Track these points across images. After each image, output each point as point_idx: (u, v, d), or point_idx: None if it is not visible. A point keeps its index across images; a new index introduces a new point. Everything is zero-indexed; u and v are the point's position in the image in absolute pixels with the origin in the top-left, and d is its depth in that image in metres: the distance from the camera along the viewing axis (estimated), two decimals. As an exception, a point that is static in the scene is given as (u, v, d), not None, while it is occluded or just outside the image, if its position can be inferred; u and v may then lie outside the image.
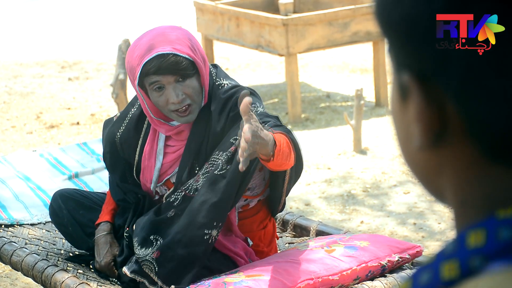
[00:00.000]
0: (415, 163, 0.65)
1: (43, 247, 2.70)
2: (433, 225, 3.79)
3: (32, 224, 2.90)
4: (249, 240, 2.44)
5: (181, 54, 2.24)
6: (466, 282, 0.56)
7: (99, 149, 3.51)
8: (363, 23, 5.46)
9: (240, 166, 1.90)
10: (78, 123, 5.60)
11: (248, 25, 5.60)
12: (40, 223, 2.91)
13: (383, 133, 5.07)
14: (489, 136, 0.59)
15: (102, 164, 3.35)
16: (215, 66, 2.43)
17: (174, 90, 2.25)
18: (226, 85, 2.37)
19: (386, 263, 2.31)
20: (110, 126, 2.56)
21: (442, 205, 0.65)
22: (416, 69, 0.62)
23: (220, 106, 2.32)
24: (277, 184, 2.37)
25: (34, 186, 3.16)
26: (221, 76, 2.39)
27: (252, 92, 2.34)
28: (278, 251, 2.53)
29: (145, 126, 2.47)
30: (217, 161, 2.27)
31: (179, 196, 2.34)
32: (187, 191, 2.32)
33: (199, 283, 2.17)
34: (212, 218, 2.23)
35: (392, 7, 0.62)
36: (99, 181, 3.23)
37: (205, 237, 2.23)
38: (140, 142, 2.47)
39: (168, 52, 2.23)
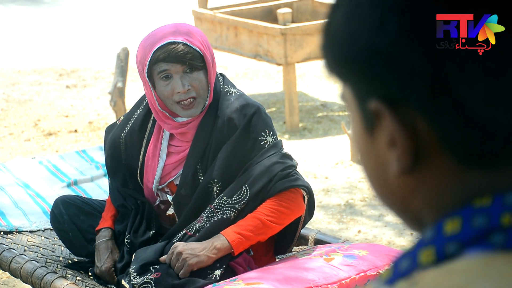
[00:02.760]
0: (391, 192, 0.65)
1: (42, 254, 2.70)
2: (430, 235, 3.80)
3: (31, 231, 2.90)
4: (250, 251, 2.46)
5: (191, 45, 2.29)
6: (439, 266, 0.58)
7: (98, 156, 3.52)
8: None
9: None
10: (76, 130, 5.60)
11: (247, 34, 5.62)
12: (39, 230, 2.91)
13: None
14: (462, 146, 0.61)
15: (101, 171, 3.35)
16: (222, 75, 2.47)
17: (181, 79, 2.30)
18: (234, 93, 2.40)
19: (384, 272, 2.31)
20: (114, 129, 2.58)
21: (412, 229, 0.66)
22: (384, 94, 0.62)
23: (227, 114, 2.35)
24: (288, 230, 2.42)
25: (33, 193, 3.16)
26: (229, 84, 2.44)
27: (257, 111, 2.36)
28: (277, 260, 2.54)
29: (149, 126, 2.50)
30: (224, 209, 2.30)
31: (180, 235, 2.37)
32: (188, 230, 2.35)
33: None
34: (215, 261, 2.29)
35: (348, 42, 0.63)
36: (98, 189, 3.24)
37: (209, 276, 2.27)
38: (144, 142, 2.49)
39: (179, 40, 2.28)
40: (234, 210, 2.30)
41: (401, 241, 3.74)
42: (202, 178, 2.38)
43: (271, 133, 2.36)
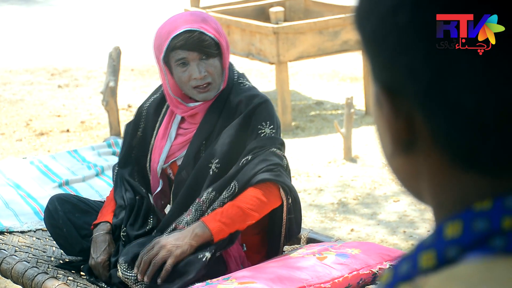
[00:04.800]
0: (394, 167, 0.66)
1: (33, 255, 2.68)
2: (423, 233, 3.80)
3: (22, 232, 2.88)
4: (244, 246, 2.49)
5: (207, 33, 2.38)
6: (441, 271, 0.58)
7: (90, 156, 3.50)
8: (353, 32, 5.48)
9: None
10: (68, 130, 5.58)
11: (239, 33, 5.61)
12: (31, 230, 2.90)
13: (373, 141, 5.08)
14: (453, 147, 0.61)
15: (93, 171, 3.34)
16: (240, 73, 2.55)
17: (198, 66, 2.39)
18: (247, 85, 2.51)
19: (377, 271, 2.31)
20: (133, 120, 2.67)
21: (424, 204, 0.67)
22: (384, 82, 0.63)
23: (236, 101, 2.44)
24: (274, 232, 2.48)
25: (24, 194, 3.14)
26: (243, 77, 2.54)
27: (265, 102, 2.43)
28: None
29: (163, 110, 2.60)
30: (214, 204, 2.36)
31: (170, 228, 2.41)
32: (177, 224, 2.39)
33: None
34: (204, 244, 2.32)
35: (364, 20, 0.64)
36: (89, 189, 3.22)
37: (199, 257, 2.29)
38: (157, 125, 2.60)
39: (196, 29, 2.37)
40: (222, 205, 2.36)
41: (394, 239, 3.73)
42: (203, 156, 2.45)
43: (272, 126, 2.43)
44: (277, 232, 2.46)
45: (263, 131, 2.41)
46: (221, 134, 2.42)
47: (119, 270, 2.34)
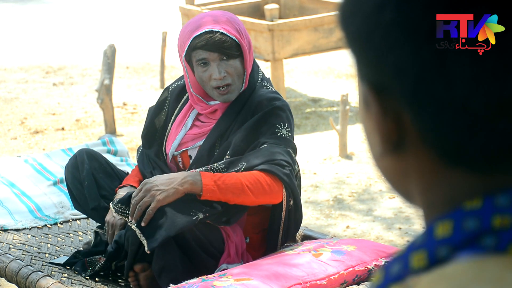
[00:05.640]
0: (383, 168, 0.66)
1: (27, 251, 2.67)
2: (419, 230, 3.80)
3: (17, 230, 2.87)
4: (247, 238, 2.51)
5: (228, 34, 2.39)
6: (432, 271, 0.58)
7: (84, 154, 3.49)
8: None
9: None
10: (63, 128, 5.57)
11: (234, 30, 5.61)
12: (25, 228, 2.89)
13: (368, 138, 5.08)
14: (442, 144, 0.60)
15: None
16: (266, 78, 2.58)
17: (218, 67, 2.41)
18: (270, 88, 2.52)
19: (372, 268, 2.32)
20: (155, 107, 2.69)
21: (412, 206, 0.67)
22: (372, 81, 0.63)
23: (257, 101, 2.45)
24: (273, 230, 2.48)
25: (19, 192, 3.13)
26: (266, 80, 2.55)
27: (284, 106, 2.45)
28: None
29: (184, 98, 2.63)
30: (217, 171, 2.39)
31: None
32: None
33: (187, 285, 2.17)
34: (202, 204, 2.33)
35: (350, 18, 0.63)
36: (84, 186, 3.21)
37: (191, 213, 2.31)
38: (176, 111, 2.62)
39: (217, 30, 2.39)
40: (224, 170, 2.38)
41: (389, 236, 3.73)
42: (217, 152, 2.48)
43: (289, 129, 2.44)
44: (276, 230, 2.46)
45: (280, 130, 2.41)
46: (237, 131, 2.43)
47: (111, 206, 2.38)
